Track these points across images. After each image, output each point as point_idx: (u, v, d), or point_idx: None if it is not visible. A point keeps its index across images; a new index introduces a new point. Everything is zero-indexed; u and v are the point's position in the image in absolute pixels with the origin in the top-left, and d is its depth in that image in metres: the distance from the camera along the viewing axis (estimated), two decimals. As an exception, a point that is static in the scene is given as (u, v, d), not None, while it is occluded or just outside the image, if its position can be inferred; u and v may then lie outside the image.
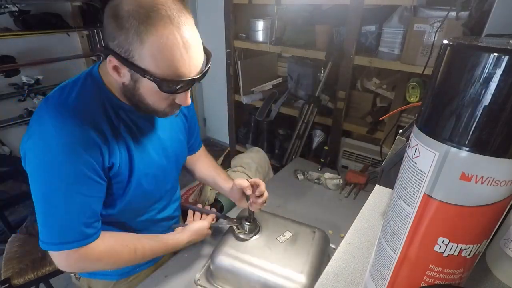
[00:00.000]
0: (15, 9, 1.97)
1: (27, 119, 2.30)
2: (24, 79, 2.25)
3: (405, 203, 0.30)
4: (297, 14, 1.78)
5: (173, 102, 0.67)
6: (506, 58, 0.22)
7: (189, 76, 0.61)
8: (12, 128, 2.28)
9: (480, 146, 0.24)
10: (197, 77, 0.62)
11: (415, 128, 0.29)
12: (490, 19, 0.66)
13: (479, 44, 0.24)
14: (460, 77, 0.24)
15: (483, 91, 0.23)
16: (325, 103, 1.73)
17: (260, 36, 1.83)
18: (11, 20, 2.02)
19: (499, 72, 0.22)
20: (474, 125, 0.24)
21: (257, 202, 0.89)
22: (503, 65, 0.22)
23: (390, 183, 0.65)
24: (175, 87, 0.60)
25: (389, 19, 1.41)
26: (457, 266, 0.30)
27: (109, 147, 0.66)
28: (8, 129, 2.27)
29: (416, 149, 0.29)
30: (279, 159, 1.94)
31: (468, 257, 0.29)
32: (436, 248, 0.29)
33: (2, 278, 1.18)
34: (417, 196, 0.29)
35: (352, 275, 0.47)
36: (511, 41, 0.26)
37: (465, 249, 0.29)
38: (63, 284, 1.67)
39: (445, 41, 0.26)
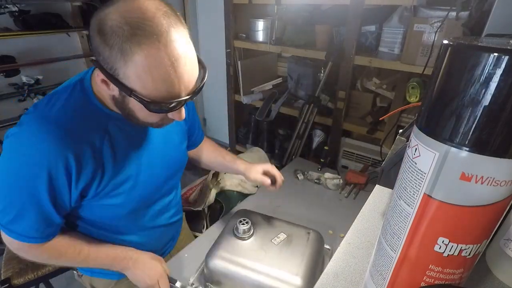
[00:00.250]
0: (15, 9, 1.97)
1: (27, 119, 2.29)
2: (24, 79, 2.25)
3: (405, 203, 0.30)
4: (297, 14, 1.78)
5: (166, 116, 0.65)
6: (506, 58, 0.22)
7: (179, 97, 0.57)
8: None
9: (480, 146, 0.24)
10: (187, 97, 0.58)
11: (415, 128, 0.29)
12: (490, 19, 0.66)
13: (479, 44, 0.24)
14: (460, 77, 0.24)
15: (483, 91, 0.23)
16: (325, 103, 1.73)
17: (260, 36, 1.83)
18: (11, 20, 2.02)
19: (499, 72, 0.22)
20: (474, 125, 0.24)
21: (276, 186, 0.99)
22: (503, 65, 0.22)
23: (390, 183, 0.65)
24: (164, 107, 0.57)
25: (389, 19, 1.41)
26: (457, 266, 0.30)
27: (81, 171, 0.63)
28: (8, 129, 2.27)
29: (416, 149, 0.29)
30: (279, 159, 1.94)
31: (468, 257, 0.29)
32: (436, 248, 0.29)
33: (2, 278, 1.18)
34: (417, 196, 0.29)
35: (352, 275, 0.47)
36: (511, 41, 0.26)
37: (465, 249, 0.29)
38: (63, 284, 1.67)
39: (445, 41, 0.26)
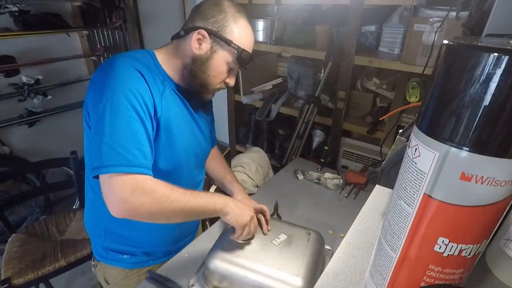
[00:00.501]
0: (15, 9, 1.97)
1: (27, 119, 2.30)
2: (24, 79, 2.25)
3: (405, 203, 0.30)
4: (297, 14, 1.78)
5: (223, 83, 0.87)
6: (506, 58, 0.22)
7: (251, 54, 0.86)
8: (12, 128, 2.28)
9: (480, 146, 0.24)
10: (252, 56, 0.87)
11: (415, 128, 0.29)
12: (490, 19, 0.65)
13: (479, 44, 0.24)
14: (460, 77, 0.24)
15: (483, 91, 0.23)
16: (325, 103, 1.73)
17: (260, 36, 1.83)
18: (11, 20, 2.02)
19: (499, 72, 0.22)
20: (474, 125, 0.24)
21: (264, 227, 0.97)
22: (503, 65, 0.22)
23: (390, 183, 0.65)
24: (245, 58, 0.83)
25: (389, 19, 1.41)
26: (457, 266, 0.30)
27: (155, 103, 0.76)
28: (8, 129, 2.27)
29: (416, 149, 0.29)
30: (279, 159, 1.94)
31: (468, 257, 0.29)
32: (436, 248, 0.29)
33: (2, 278, 1.18)
34: (417, 196, 0.29)
35: (352, 275, 0.47)
36: (511, 41, 0.26)
37: (465, 249, 0.29)
38: (63, 284, 1.67)
39: (445, 41, 0.26)
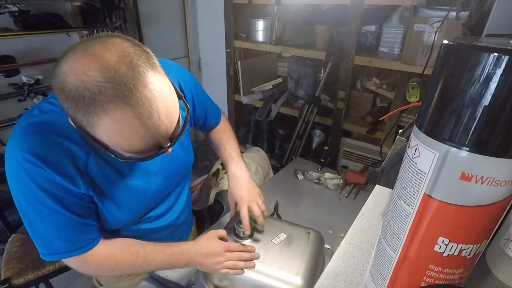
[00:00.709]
0: (15, 9, 1.97)
1: (27, 119, 2.29)
2: (24, 79, 2.25)
3: (405, 203, 0.30)
4: (297, 14, 1.78)
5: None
6: (506, 58, 0.22)
7: (154, 151, 0.54)
8: (12, 128, 2.28)
9: (480, 146, 0.24)
10: (167, 147, 0.55)
11: (415, 128, 0.29)
12: (490, 19, 0.65)
13: (479, 44, 0.24)
14: (460, 77, 0.24)
15: (483, 91, 0.23)
16: (325, 103, 1.73)
17: (260, 36, 1.84)
18: (11, 20, 2.02)
19: (499, 72, 0.22)
20: (474, 125, 0.24)
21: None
22: (503, 65, 0.22)
23: (390, 183, 0.65)
24: (145, 159, 0.55)
25: (389, 19, 1.41)
26: (457, 266, 0.30)
27: (72, 182, 0.61)
28: (8, 129, 2.27)
29: (416, 149, 0.29)
30: (279, 159, 1.94)
31: (468, 257, 0.29)
32: (436, 248, 0.29)
33: (2, 278, 1.18)
34: (417, 196, 0.29)
35: (352, 275, 0.47)
36: (511, 41, 0.26)
37: (465, 249, 0.29)
38: (63, 284, 1.67)
39: (445, 41, 0.26)
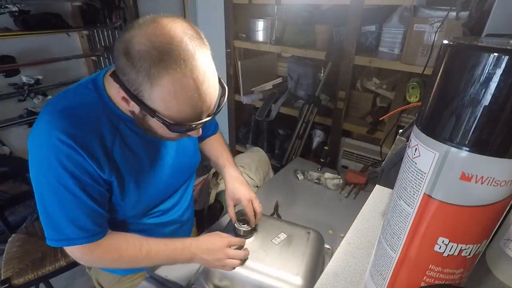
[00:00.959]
0: (15, 9, 1.97)
1: (27, 119, 2.30)
2: (24, 79, 2.25)
3: (405, 203, 0.30)
4: (297, 14, 1.78)
5: (184, 133, 0.67)
6: (506, 58, 0.22)
7: (201, 118, 0.60)
8: (12, 128, 2.28)
9: (480, 146, 0.24)
10: (208, 118, 0.61)
11: (415, 128, 0.29)
12: (490, 19, 0.65)
13: (479, 44, 0.24)
14: (460, 77, 0.24)
15: (483, 91, 0.23)
16: (325, 103, 1.73)
17: (260, 36, 1.83)
18: (11, 20, 2.02)
19: (499, 72, 0.22)
20: (474, 125, 0.24)
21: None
22: (503, 65, 0.22)
23: (390, 183, 0.65)
24: (186, 128, 0.60)
25: (389, 19, 1.41)
26: (457, 266, 0.30)
27: (98, 164, 0.64)
28: (8, 129, 2.27)
29: (416, 149, 0.29)
30: (279, 159, 1.94)
31: (468, 257, 0.29)
32: (436, 248, 0.29)
33: (2, 278, 1.18)
34: (417, 196, 0.29)
35: (352, 275, 0.47)
36: (511, 41, 0.26)
37: (465, 249, 0.29)
38: (63, 284, 1.67)
39: (445, 41, 0.26)
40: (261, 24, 1.81)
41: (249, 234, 0.89)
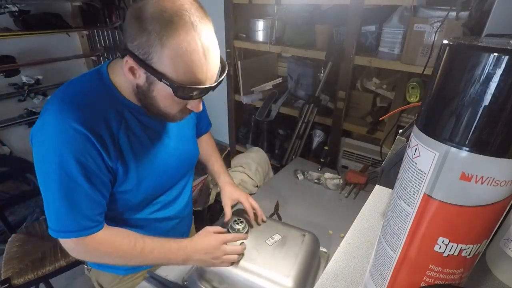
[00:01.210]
0: (15, 9, 1.97)
1: (27, 119, 2.30)
2: (24, 79, 2.25)
3: (405, 203, 0.30)
4: (297, 14, 1.77)
5: (185, 108, 0.69)
6: (506, 58, 0.22)
7: (205, 84, 0.62)
8: (12, 128, 2.28)
9: (480, 146, 0.24)
10: (212, 86, 0.63)
11: (415, 128, 0.29)
12: (490, 19, 0.65)
13: (479, 44, 0.24)
14: (460, 77, 0.24)
15: (483, 91, 0.23)
16: (325, 103, 1.73)
17: (260, 36, 1.83)
18: (11, 20, 2.03)
19: (499, 72, 0.22)
20: (474, 125, 0.24)
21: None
22: (503, 65, 0.22)
23: (390, 183, 0.65)
24: (190, 93, 0.61)
25: (389, 19, 1.41)
26: (457, 266, 0.30)
27: (106, 150, 0.66)
28: (8, 129, 2.27)
29: (416, 149, 0.29)
30: (279, 159, 1.94)
31: (468, 257, 0.29)
32: (436, 248, 0.29)
33: (2, 278, 1.18)
34: (417, 196, 0.29)
35: (352, 275, 0.47)
36: (511, 41, 0.26)
37: (465, 249, 0.29)
38: (63, 284, 1.67)
39: (445, 41, 0.26)
40: (261, 24, 1.80)
41: (243, 233, 0.89)
